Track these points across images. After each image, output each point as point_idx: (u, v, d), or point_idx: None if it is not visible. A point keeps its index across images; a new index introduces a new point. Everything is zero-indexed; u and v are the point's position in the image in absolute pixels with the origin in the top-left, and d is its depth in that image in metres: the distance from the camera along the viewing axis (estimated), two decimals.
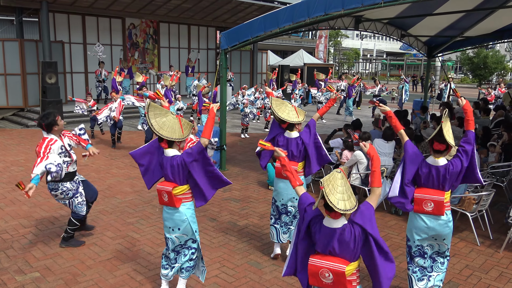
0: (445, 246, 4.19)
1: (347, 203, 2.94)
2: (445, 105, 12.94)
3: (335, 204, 2.90)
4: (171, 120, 4.04)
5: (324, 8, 7.09)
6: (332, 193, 2.94)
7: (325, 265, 3.05)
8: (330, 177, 3.03)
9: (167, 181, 4.14)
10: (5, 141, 11.76)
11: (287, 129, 5.10)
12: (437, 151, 4.04)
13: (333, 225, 3.04)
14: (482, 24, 11.49)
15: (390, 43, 66.49)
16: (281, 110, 4.98)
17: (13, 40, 15.63)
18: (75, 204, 5.32)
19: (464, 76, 49.51)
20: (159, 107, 4.13)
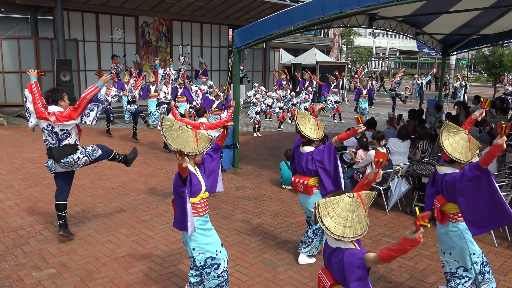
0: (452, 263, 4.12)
1: (348, 230, 2.83)
2: (461, 104, 12.79)
3: (329, 228, 2.82)
4: (185, 133, 3.96)
5: (339, 6, 7.03)
6: (329, 215, 2.85)
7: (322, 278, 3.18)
8: (334, 200, 2.91)
9: None
10: (20, 138, 11.90)
11: (305, 144, 5.08)
12: (445, 160, 4.05)
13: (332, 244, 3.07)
14: (498, 22, 11.31)
15: (403, 41, 65.88)
16: (305, 125, 4.97)
17: (28, 38, 15.79)
18: (91, 153, 5.50)
19: (479, 74, 48.85)
20: (173, 120, 4.07)
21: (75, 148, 5.35)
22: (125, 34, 18.30)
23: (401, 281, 4.85)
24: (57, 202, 5.54)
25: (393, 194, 6.88)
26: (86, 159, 5.46)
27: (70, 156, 5.29)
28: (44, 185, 7.83)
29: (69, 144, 5.29)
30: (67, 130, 5.24)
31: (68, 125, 5.21)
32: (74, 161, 5.34)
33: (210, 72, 20.84)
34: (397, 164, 7.44)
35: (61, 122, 5.15)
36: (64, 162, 5.30)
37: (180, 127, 3.99)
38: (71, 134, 5.30)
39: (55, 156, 5.26)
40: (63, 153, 5.26)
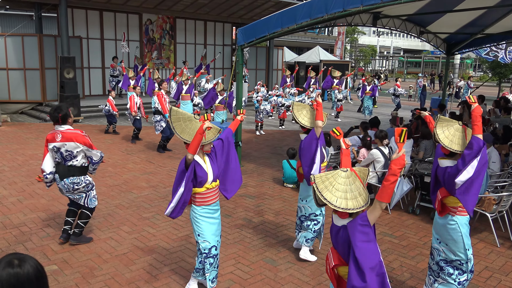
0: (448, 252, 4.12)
1: (350, 202, 2.83)
2: (464, 103, 12.73)
3: (331, 201, 2.82)
4: (193, 124, 4.05)
5: (342, 4, 7.01)
6: (328, 189, 2.85)
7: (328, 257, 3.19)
8: (329, 174, 2.94)
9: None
10: (24, 135, 11.94)
11: (307, 133, 5.12)
12: (445, 154, 4.05)
13: (338, 222, 3.05)
14: (503, 21, 11.22)
15: (407, 40, 65.70)
16: (302, 116, 5.05)
17: (32, 35, 15.84)
18: (91, 197, 5.38)
19: (483, 74, 48.64)
20: (182, 112, 4.15)
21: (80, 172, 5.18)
22: (129, 31, 18.34)
23: (402, 280, 4.84)
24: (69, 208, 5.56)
25: (395, 193, 6.85)
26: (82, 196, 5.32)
27: (71, 178, 5.13)
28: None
29: (73, 165, 5.14)
30: (71, 152, 5.09)
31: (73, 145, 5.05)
32: (71, 189, 5.17)
33: (214, 70, 20.85)
34: None
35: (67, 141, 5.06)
36: (64, 183, 5.15)
37: (188, 118, 4.07)
38: (76, 157, 5.13)
39: (59, 173, 5.17)
40: (66, 172, 5.13)
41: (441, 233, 4.15)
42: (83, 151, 5.15)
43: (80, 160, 5.17)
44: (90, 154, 5.23)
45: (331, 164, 8.27)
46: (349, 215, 2.95)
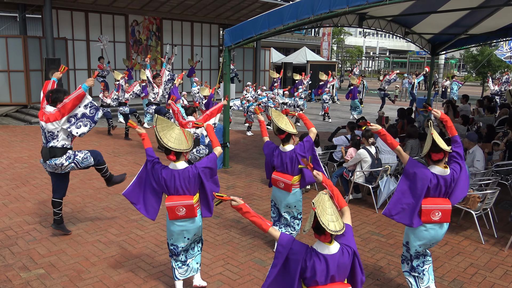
0: None
1: (337, 224, 2.88)
2: (449, 103, 12.91)
3: (326, 225, 2.83)
4: (177, 132, 4.10)
5: (328, 5, 7.07)
6: (323, 215, 2.87)
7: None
8: (319, 198, 2.97)
9: (179, 195, 4.09)
10: (8, 138, 11.78)
11: (283, 142, 5.12)
12: (437, 161, 4.04)
13: (331, 251, 2.96)
14: (486, 22, 11.44)
15: (393, 40, 66.33)
16: (280, 121, 5.05)
17: (16, 36, 15.64)
18: (80, 161, 5.36)
19: (467, 73, 49.33)
20: (166, 120, 4.17)
21: (61, 152, 5.21)
22: (115, 33, 18.22)
23: (389, 278, 4.89)
24: (52, 199, 5.58)
25: (382, 193, 6.93)
26: (73, 166, 5.34)
27: (54, 159, 5.19)
28: (32, 185, 7.77)
29: (55, 146, 5.17)
30: (52, 132, 5.12)
31: (51, 126, 5.08)
32: (57, 166, 5.23)
33: (201, 71, 20.82)
34: (386, 162, 7.49)
35: (46, 122, 5.07)
36: (49, 164, 5.23)
37: (171, 126, 4.10)
38: (58, 137, 5.16)
39: (42, 155, 5.27)
40: (48, 154, 5.18)
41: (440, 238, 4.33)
42: (62, 129, 5.13)
43: (61, 141, 5.19)
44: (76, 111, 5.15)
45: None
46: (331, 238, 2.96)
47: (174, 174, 4.08)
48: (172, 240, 4.26)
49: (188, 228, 4.19)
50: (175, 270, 4.35)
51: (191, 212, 4.10)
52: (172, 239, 4.26)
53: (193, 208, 4.09)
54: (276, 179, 5.21)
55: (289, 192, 5.15)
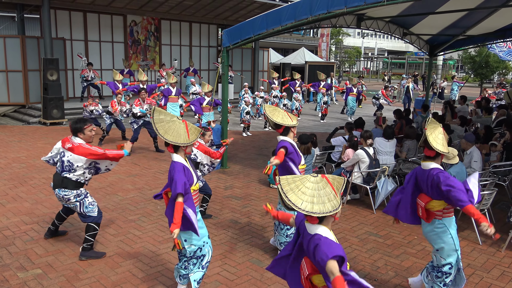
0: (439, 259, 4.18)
1: (316, 206, 2.76)
2: (447, 103, 12.94)
3: (296, 204, 2.76)
4: (176, 124, 4.01)
5: (326, 6, 7.08)
6: (294, 192, 2.81)
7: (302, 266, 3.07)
8: (297, 177, 2.89)
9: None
10: (6, 138, 11.76)
11: (283, 135, 5.06)
12: (427, 157, 4.07)
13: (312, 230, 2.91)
14: (484, 23, 11.46)
15: (391, 41, 66.44)
16: (275, 115, 5.01)
17: (14, 36, 15.61)
18: (86, 204, 5.06)
19: (465, 74, 49.41)
20: (165, 112, 4.11)
21: (73, 186, 4.95)
22: (114, 33, 18.20)
23: (386, 279, 4.90)
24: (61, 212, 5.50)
25: (379, 193, 6.94)
26: (76, 205, 5.04)
27: (64, 190, 4.94)
28: (30, 185, 7.76)
29: (69, 178, 4.92)
30: (72, 165, 4.88)
31: (77, 158, 4.86)
32: (63, 198, 5.00)
33: (199, 71, 20.81)
34: (383, 163, 7.51)
35: (73, 153, 4.87)
36: (57, 192, 5.02)
37: (171, 119, 4.04)
38: (74, 171, 4.91)
39: (54, 182, 5.02)
40: (60, 183, 4.95)
41: (431, 240, 4.21)
42: (83, 166, 4.93)
43: (77, 175, 4.94)
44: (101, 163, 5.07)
45: (317, 165, 8.33)
46: (319, 220, 2.88)
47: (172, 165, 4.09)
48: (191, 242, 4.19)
49: None
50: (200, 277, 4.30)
51: None
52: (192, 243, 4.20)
53: None
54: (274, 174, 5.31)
55: None
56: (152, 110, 4.04)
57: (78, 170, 4.91)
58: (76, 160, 4.86)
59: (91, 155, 4.88)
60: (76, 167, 4.90)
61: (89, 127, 4.97)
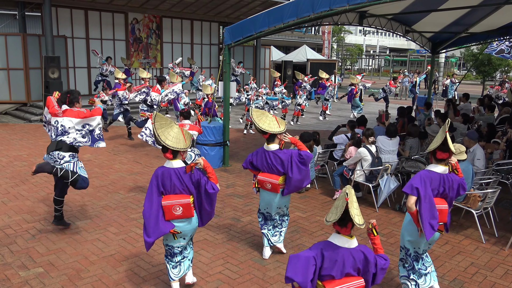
0: None
1: (360, 219, 2.97)
2: (449, 101, 12.88)
3: (353, 217, 2.91)
4: (175, 130, 4.07)
5: (329, 3, 7.04)
6: (352, 207, 2.93)
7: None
8: (349, 191, 2.99)
9: (175, 194, 4.05)
10: (8, 136, 11.76)
11: (267, 142, 4.99)
12: (440, 159, 4.02)
13: (350, 244, 3.05)
14: (487, 20, 11.40)
15: (393, 39, 66.29)
16: (262, 121, 4.91)
17: (15, 34, 15.59)
18: (79, 166, 5.43)
19: (467, 72, 49.25)
20: (165, 118, 4.15)
21: (67, 148, 5.33)
22: (115, 31, 18.18)
23: (389, 278, 4.88)
24: (54, 197, 5.71)
25: (382, 191, 6.91)
26: (70, 165, 5.34)
27: (58, 151, 5.28)
28: (31, 183, 7.75)
29: (64, 141, 5.31)
30: (64, 127, 5.32)
31: (67, 121, 5.31)
32: (58, 157, 5.29)
33: (201, 69, 20.78)
34: (386, 161, 7.47)
35: (64, 116, 5.33)
36: (51, 154, 5.31)
37: (169, 124, 4.08)
38: (69, 134, 5.34)
39: (48, 149, 5.36)
40: (55, 146, 5.30)
41: None
42: (75, 128, 5.37)
43: (71, 139, 5.33)
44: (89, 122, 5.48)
45: (319, 163, 8.30)
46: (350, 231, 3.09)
47: (170, 172, 4.04)
48: (167, 241, 4.22)
49: (184, 229, 4.13)
50: (169, 271, 4.29)
51: (188, 211, 4.05)
52: (167, 239, 4.21)
53: (190, 208, 4.06)
54: (262, 180, 5.03)
55: (277, 193, 5.01)
56: (153, 116, 4.04)
57: (71, 132, 5.35)
58: (67, 123, 5.31)
59: (78, 114, 5.38)
60: (68, 129, 5.33)
61: (80, 97, 5.61)
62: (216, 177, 4.13)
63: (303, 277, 2.90)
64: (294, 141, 4.97)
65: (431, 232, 3.86)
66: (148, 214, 3.99)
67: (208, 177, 4.07)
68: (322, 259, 2.98)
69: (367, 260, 3.03)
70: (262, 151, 5.03)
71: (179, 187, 4.04)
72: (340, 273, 3.00)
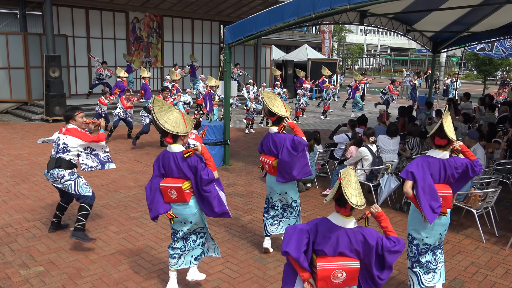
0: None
1: (359, 199, 2.95)
2: (450, 101, 12.88)
3: (349, 197, 2.90)
4: (175, 114, 4.05)
5: (329, 3, 7.03)
6: (347, 187, 2.93)
7: (338, 266, 3.01)
8: (346, 171, 3.03)
9: (172, 178, 4.10)
10: (9, 135, 11.77)
11: (273, 124, 5.15)
12: (438, 145, 4.07)
13: (346, 224, 3.04)
14: (488, 19, 11.39)
15: (394, 38, 66.24)
16: (272, 103, 5.04)
17: (16, 33, 15.60)
18: (80, 184, 5.26)
19: (468, 72, 49.21)
20: (164, 102, 4.13)
21: (67, 165, 5.18)
22: (116, 30, 18.18)
23: (390, 277, 4.87)
24: (60, 203, 5.65)
25: (382, 191, 6.90)
26: (71, 184, 5.21)
27: (58, 169, 5.14)
28: (32, 182, 7.76)
29: (62, 158, 5.16)
30: (66, 146, 5.17)
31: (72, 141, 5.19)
32: (57, 176, 5.15)
33: (202, 68, 20.78)
34: (387, 161, 7.47)
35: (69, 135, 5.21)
36: (51, 174, 5.17)
37: (170, 108, 4.08)
38: (69, 152, 5.20)
39: (48, 166, 5.23)
40: (54, 163, 5.16)
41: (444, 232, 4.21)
42: (78, 149, 5.28)
43: (70, 155, 5.22)
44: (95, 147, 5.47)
45: (319, 162, 8.30)
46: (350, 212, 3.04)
47: (169, 156, 4.08)
48: (172, 224, 4.28)
49: (182, 213, 4.15)
50: (169, 259, 4.34)
51: (181, 196, 4.08)
52: (173, 221, 4.27)
53: (182, 193, 4.06)
54: (262, 161, 5.30)
55: (274, 176, 5.14)
56: (152, 100, 4.04)
57: (72, 151, 5.22)
58: (71, 142, 5.18)
59: (84, 137, 5.26)
60: (70, 148, 5.19)
61: (79, 114, 5.30)
62: (214, 164, 4.11)
63: (296, 250, 3.01)
64: (292, 126, 5.06)
65: (432, 215, 3.90)
66: (147, 193, 4.23)
67: (205, 163, 4.06)
68: (316, 233, 3.06)
69: (367, 243, 2.99)
70: (267, 134, 5.20)
71: (175, 172, 4.07)
72: (333, 251, 3.01)
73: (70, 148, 5.19)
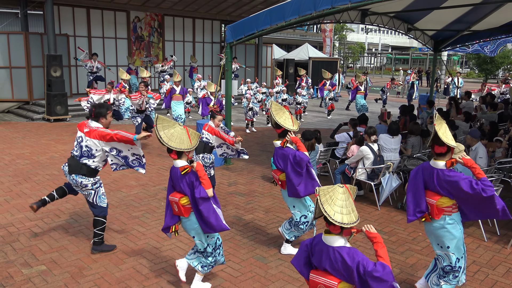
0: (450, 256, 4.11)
1: (346, 217, 2.87)
2: (452, 99, 12.86)
3: (331, 215, 2.84)
4: (179, 131, 4.09)
5: (331, 1, 7.03)
6: (329, 204, 2.88)
7: (321, 281, 3.05)
8: (330, 188, 2.97)
9: (176, 192, 4.24)
10: (10, 134, 11.79)
11: (279, 136, 5.08)
12: (439, 154, 4.01)
13: (331, 242, 2.98)
14: (490, 18, 11.36)
15: (395, 37, 66.14)
16: (279, 115, 5.01)
17: (18, 33, 15.63)
18: (100, 194, 5.07)
19: (470, 70, 49.14)
20: (167, 119, 4.16)
21: (91, 174, 4.95)
22: (117, 29, 18.19)
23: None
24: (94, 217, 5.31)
25: (384, 190, 6.91)
26: (91, 193, 5.01)
27: (81, 176, 4.92)
28: (34, 181, 7.77)
29: (88, 165, 4.91)
30: (90, 149, 4.87)
31: (92, 143, 4.85)
32: (79, 184, 4.95)
33: (202, 67, 20.79)
34: (388, 160, 7.47)
35: (89, 137, 4.86)
36: (73, 178, 4.96)
37: (173, 125, 4.10)
38: (95, 157, 4.91)
39: (70, 167, 4.97)
40: (77, 169, 4.91)
41: (441, 236, 4.10)
42: (103, 152, 4.91)
43: (96, 163, 4.94)
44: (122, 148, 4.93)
45: (321, 161, 8.30)
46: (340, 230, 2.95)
47: (175, 171, 4.19)
48: None
49: (185, 226, 4.32)
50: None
51: (180, 211, 4.19)
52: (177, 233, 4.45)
53: (180, 208, 4.15)
54: (273, 176, 5.30)
55: (284, 190, 5.14)
56: (155, 118, 4.08)
57: (97, 156, 4.91)
58: (94, 145, 4.86)
59: (104, 137, 4.81)
60: (94, 152, 4.89)
61: (110, 113, 5.06)
62: (209, 182, 4.07)
63: (298, 264, 3.24)
64: (295, 141, 4.99)
65: (410, 216, 4.17)
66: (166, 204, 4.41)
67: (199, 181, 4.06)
68: (311, 248, 3.16)
69: (346, 263, 2.90)
70: (275, 148, 5.18)
71: (178, 186, 4.20)
72: (318, 265, 3.09)
73: (94, 153, 4.88)
